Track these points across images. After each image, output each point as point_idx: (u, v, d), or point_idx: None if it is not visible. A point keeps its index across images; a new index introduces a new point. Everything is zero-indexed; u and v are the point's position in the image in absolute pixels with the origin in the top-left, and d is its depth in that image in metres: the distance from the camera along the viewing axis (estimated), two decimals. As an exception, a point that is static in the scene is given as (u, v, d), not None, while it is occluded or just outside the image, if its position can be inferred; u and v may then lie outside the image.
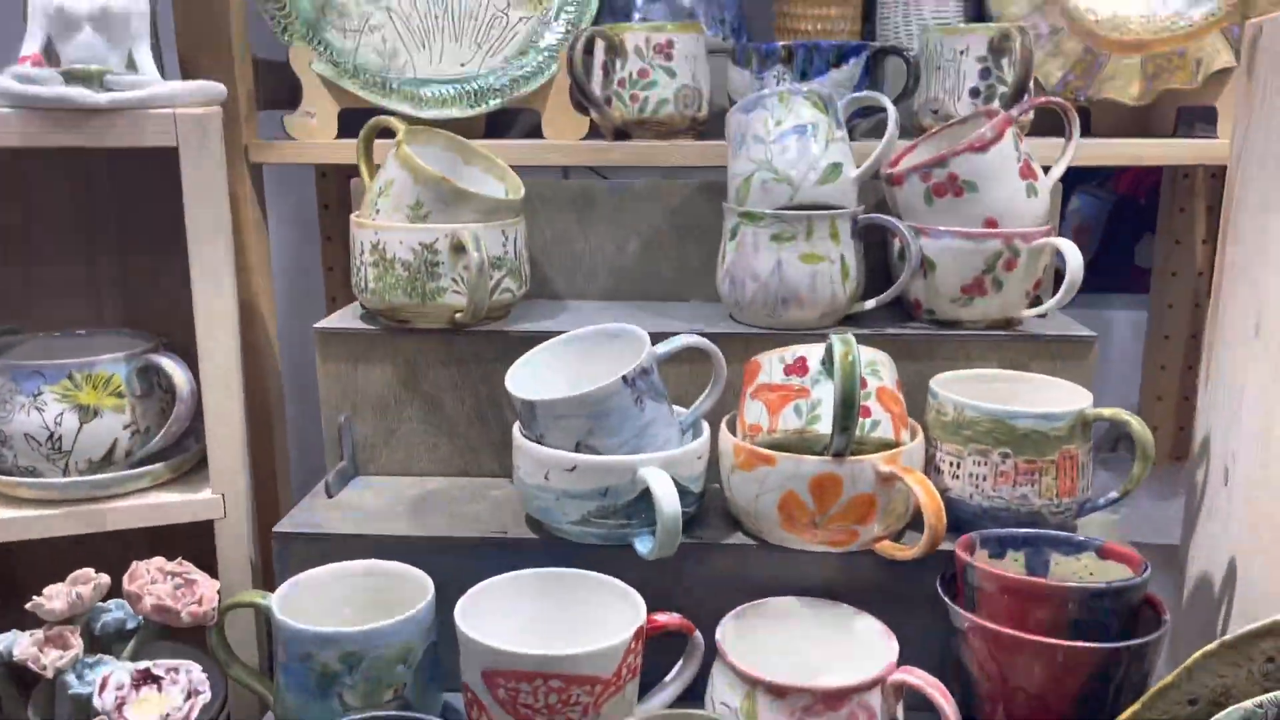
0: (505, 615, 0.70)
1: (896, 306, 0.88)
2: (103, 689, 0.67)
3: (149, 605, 0.71)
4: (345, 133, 0.99)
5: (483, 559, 0.73)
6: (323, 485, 0.84)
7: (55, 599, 0.70)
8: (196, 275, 0.81)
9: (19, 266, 0.97)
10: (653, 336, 0.75)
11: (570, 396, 0.71)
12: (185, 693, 0.68)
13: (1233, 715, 0.48)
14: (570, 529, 0.74)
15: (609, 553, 0.73)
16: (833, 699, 0.62)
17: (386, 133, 0.86)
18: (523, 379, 0.76)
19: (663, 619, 0.68)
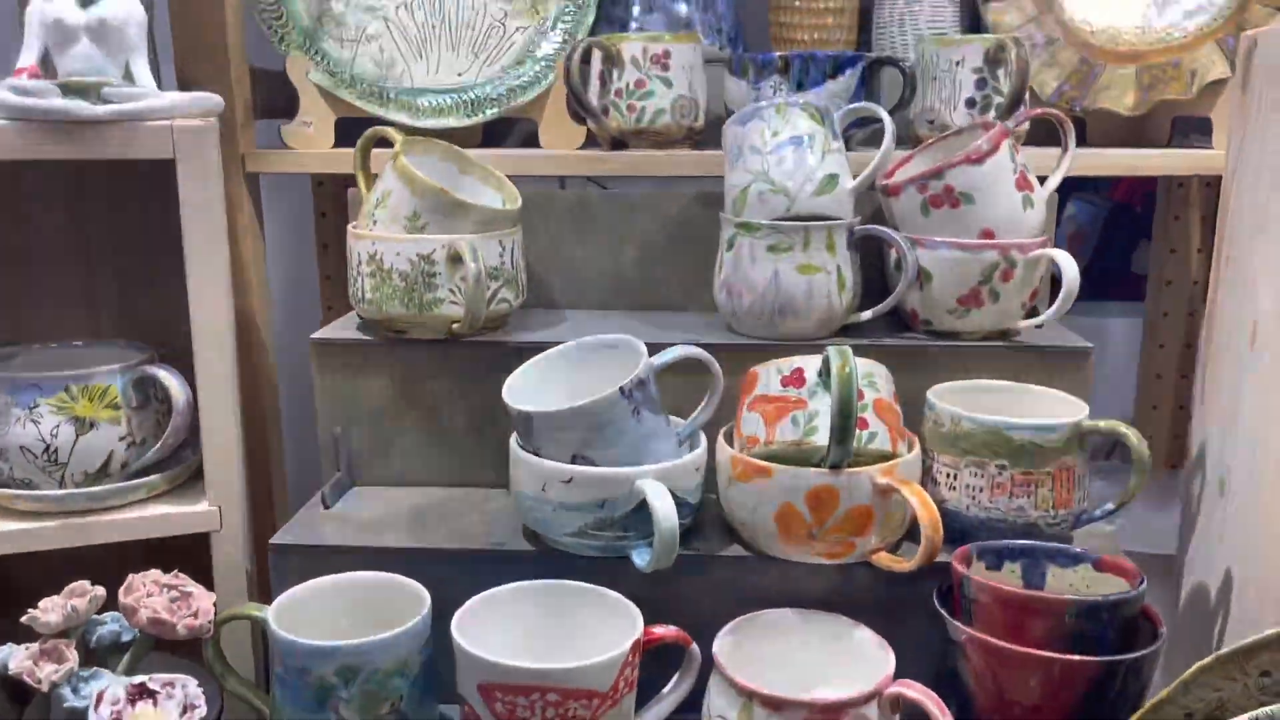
0: (502, 628, 0.70)
1: (893, 317, 0.88)
2: (98, 704, 0.67)
3: (145, 618, 0.71)
4: (342, 142, 0.99)
5: (480, 571, 0.73)
6: (319, 497, 0.84)
7: (50, 612, 0.70)
8: (193, 286, 0.81)
9: (15, 278, 0.97)
10: (650, 347, 0.75)
11: (567, 408, 0.71)
12: (181, 707, 0.68)
13: (1229, 730, 0.48)
14: (567, 541, 0.74)
15: (606, 565, 0.73)
16: (829, 712, 0.62)
17: (384, 142, 0.86)
18: (519, 390, 0.76)
19: (660, 631, 0.68)
